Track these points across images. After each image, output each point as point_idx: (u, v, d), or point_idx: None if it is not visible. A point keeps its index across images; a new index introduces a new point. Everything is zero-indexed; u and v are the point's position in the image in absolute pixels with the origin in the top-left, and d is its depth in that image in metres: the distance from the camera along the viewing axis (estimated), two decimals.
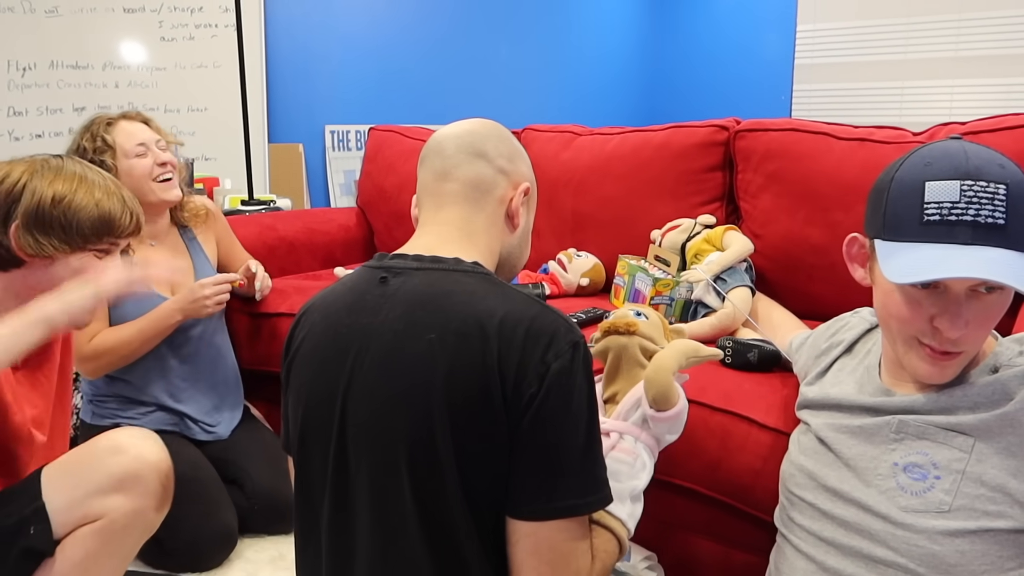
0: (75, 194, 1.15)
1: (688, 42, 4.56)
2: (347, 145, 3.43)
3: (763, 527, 1.19)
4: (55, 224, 1.13)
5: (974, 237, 0.81)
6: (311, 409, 0.89)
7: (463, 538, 0.81)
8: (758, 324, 1.55)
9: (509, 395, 0.78)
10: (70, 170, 1.17)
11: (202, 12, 2.95)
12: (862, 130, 1.66)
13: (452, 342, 0.80)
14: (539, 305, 0.83)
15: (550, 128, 2.25)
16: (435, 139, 0.98)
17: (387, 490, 0.82)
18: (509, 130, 1.02)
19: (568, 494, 0.80)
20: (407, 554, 0.82)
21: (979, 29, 3.56)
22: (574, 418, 0.80)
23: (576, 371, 0.80)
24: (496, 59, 3.90)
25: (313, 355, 0.89)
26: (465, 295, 0.83)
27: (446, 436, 0.79)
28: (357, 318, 0.86)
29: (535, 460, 0.79)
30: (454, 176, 0.94)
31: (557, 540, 0.81)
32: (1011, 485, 0.83)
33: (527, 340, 0.79)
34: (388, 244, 2.55)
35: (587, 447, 0.81)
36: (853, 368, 1.05)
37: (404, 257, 0.89)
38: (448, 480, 0.79)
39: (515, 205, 0.96)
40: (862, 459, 0.93)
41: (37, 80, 2.66)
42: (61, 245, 1.14)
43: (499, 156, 0.96)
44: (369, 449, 0.83)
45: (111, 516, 1.07)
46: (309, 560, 0.93)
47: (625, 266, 1.87)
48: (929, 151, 0.87)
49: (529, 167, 1.01)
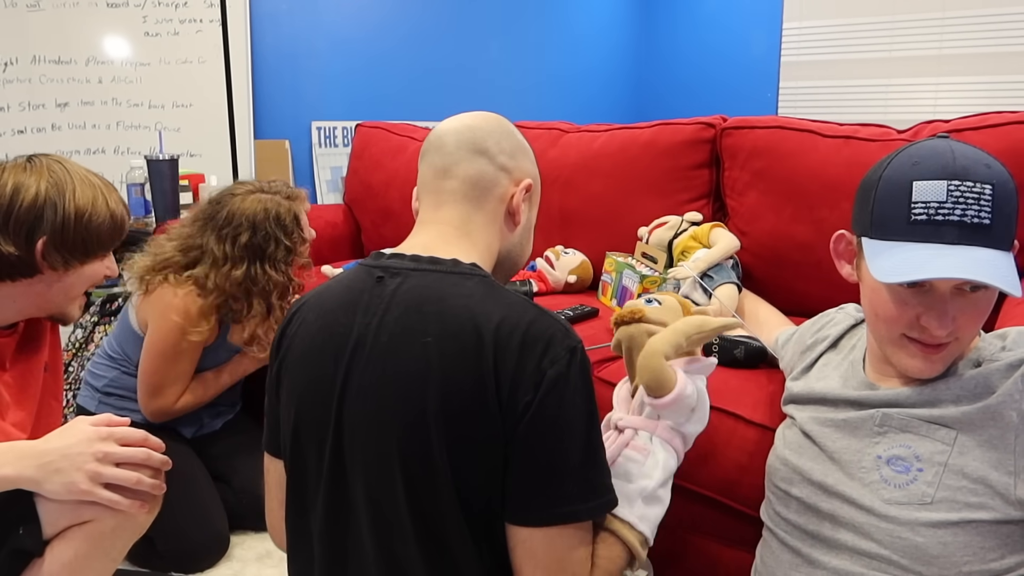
0: (94, 206, 1.17)
1: (675, 40, 4.57)
2: (334, 142, 3.41)
3: (750, 522, 1.20)
4: (79, 239, 1.16)
5: (960, 237, 0.82)
6: (304, 410, 0.87)
7: (456, 542, 0.80)
8: (744, 321, 1.56)
9: (505, 401, 0.78)
10: (80, 177, 1.18)
11: (187, 7, 2.92)
12: (847, 128, 1.67)
13: (448, 346, 0.79)
14: (536, 310, 0.82)
15: (537, 125, 2.25)
16: (436, 133, 0.95)
17: (382, 495, 0.82)
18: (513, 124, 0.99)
19: (567, 500, 0.79)
20: (401, 557, 0.82)
21: (963, 27, 3.59)
22: (572, 424, 0.79)
23: (573, 377, 0.79)
24: (484, 56, 3.89)
25: (307, 354, 0.88)
26: (462, 298, 0.82)
27: (440, 440, 0.78)
28: (353, 318, 0.85)
29: (533, 466, 0.79)
30: (454, 173, 0.92)
31: (555, 546, 0.80)
32: (992, 477, 0.84)
33: (523, 346, 0.78)
34: (375, 241, 2.54)
35: (586, 452, 0.80)
36: (838, 363, 1.06)
37: (401, 257, 0.88)
38: (442, 484, 0.79)
39: (516, 202, 0.94)
40: (846, 452, 0.94)
41: (19, 75, 2.63)
42: (83, 257, 1.18)
43: (501, 152, 0.93)
44: (364, 453, 0.82)
45: (101, 518, 1.06)
46: (301, 563, 0.92)
47: (612, 263, 1.87)
48: (917, 150, 0.88)
49: (532, 162, 0.99)
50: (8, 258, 1.12)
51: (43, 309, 1.21)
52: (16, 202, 1.12)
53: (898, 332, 0.89)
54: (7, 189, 1.13)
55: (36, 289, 1.17)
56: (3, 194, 1.13)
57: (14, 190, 1.13)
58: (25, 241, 1.13)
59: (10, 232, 1.12)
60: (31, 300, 1.18)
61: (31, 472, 0.99)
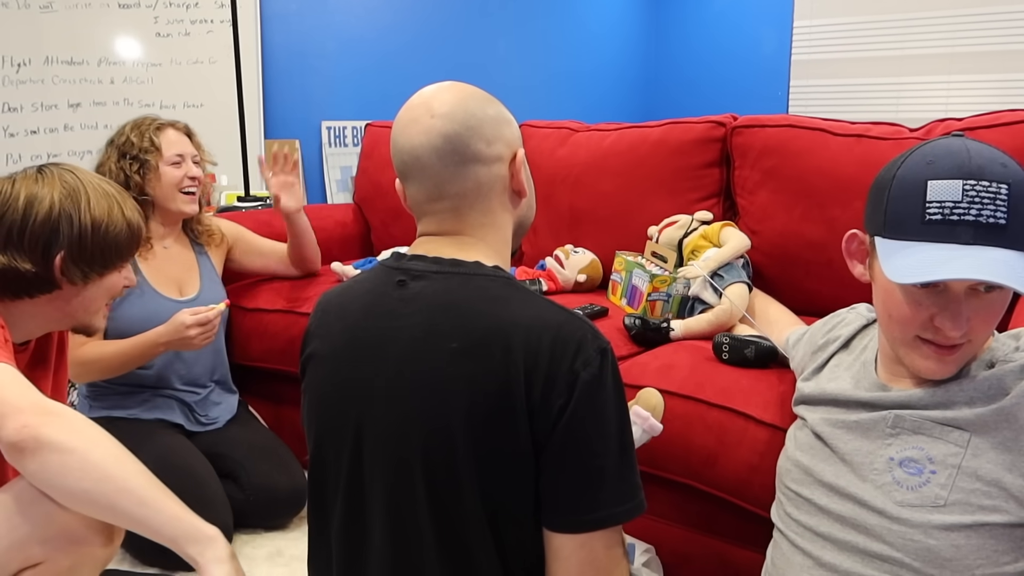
0: (110, 216, 1.14)
1: (685, 38, 4.56)
2: (343, 141, 3.42)
3: (760, 523, 1.19)
4: (97, 251, 1.13)
5: (975, 237, 0.81)
6: (326, 414, 0.87)
7: (478, 550, 0.79)
8: (755, 320, 1.55)
9: (536, 406, 0.76)
10: (93, 186, 1.15)
11: (198, 8, 2.94)
12: (859, 126, 1.66)
13: (475, 352, 0.77)
14: (564, 312, 0.80)
15: (547, 124, 2.25)
16: (408, 150, 0.84)
17: (402, 500, 0.81)
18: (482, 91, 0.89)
19: (606, 503, 0.78)
20: (419, 561, 0.81)
21: (975, 25, 3.57)
22: (606, 426, 0.78)
23: (606, 378, 0.78)
24: (493, 54, 3.89)
25: (330, 357, 0.87)
26: (487, 302, 0.80)
27: (467, 448, 0.77)
28: (376, 321, 0.84)
29: (569, 471, 0.77)
30: (448, 193, 0.85)
31: (598, 550, 0.79)
32: (1006, 479, 0.83)
33: (554, 349, 0.76)
34: (385, 241, 2.55)
35: (621, 454, 0.79)
36: (850, 364, 1.05)
37: (423, 259, 0.85)
38: (466, 492, 0.78)
39: (519, 180, 0.88)
40: (858, 454, 0.93)
41: (32, 76, 2.65)
42: (101, 270, 1.15)
43: (488, 143, 0.85)
44: (385, 458, 0.81)
45: (53, 559, 0.99)
46: (321, 562, 0.92)
47: (622, 262, 1.87)
48: (931, 149, 0.87)
49: (512, 124, 0.90)
50: (25, 275, 1.08)
51: (64, 323, 1.19)
52: (30, 216, 1.08)
53: (911, 333, 0.88)
54: (20, 203, 1.08)
55: (56, 304, 1.14)
56: (16, 208, 1.08)
57: (27, 203, 1.08)
58: (42, 256, 1.09)
59: (26, 248, 1.08)
60: (51, 315, 1.15)
61: None
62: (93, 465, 0.92)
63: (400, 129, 0.86)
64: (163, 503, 0.93)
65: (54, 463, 0.91)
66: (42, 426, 0.91)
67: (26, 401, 0.94)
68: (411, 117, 0.85)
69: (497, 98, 0.91)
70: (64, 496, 0.94)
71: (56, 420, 0.93)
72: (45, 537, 0.98)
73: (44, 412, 0.93)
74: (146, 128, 1.77)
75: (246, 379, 2.02)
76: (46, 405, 0.95)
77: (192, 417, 1.80)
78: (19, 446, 0.91)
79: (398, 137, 0.86)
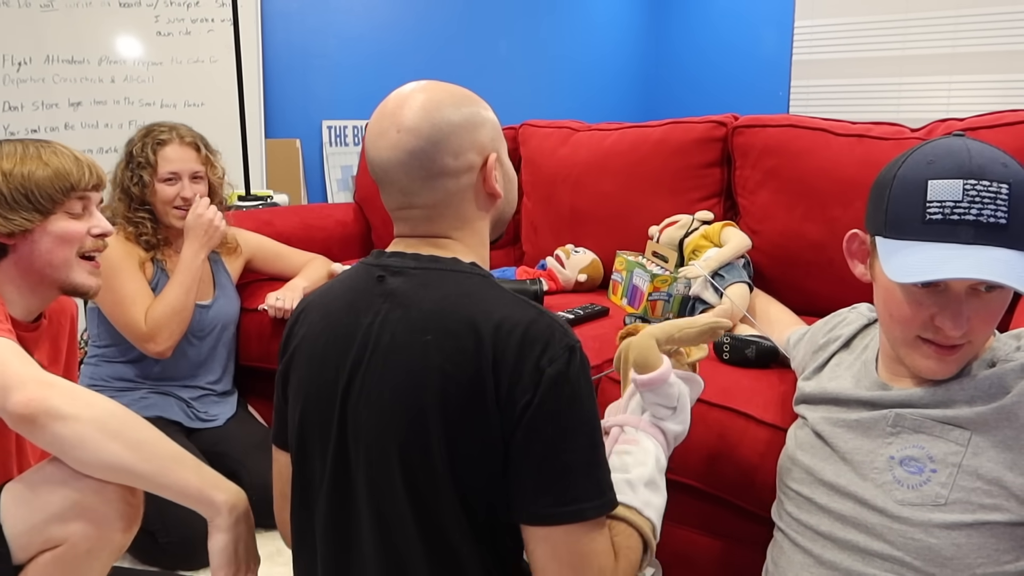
0: (23, 164, 1.15)
1: (686, 38, 4.56)
2: (344, 140, 3.42)
3: (761, 522, 1.19)
4: (16, 196, 1.13)
5: (976, 237, 0.81)
6: (310, 408, 0.88)
7: (457, 537, 0.81)
8: (756, 320, 1.55)
9: (503, 399, 0.78)
10: (9, 148, 1.17)
11: (198, 7, 2.94)
12: (860, 126, 1.66)
13: (447, 344, 0.79)
14: (535, 309, 0.82)
15: (548, 124, 2.25)
16: (377, 163, 0.86)
17: (384, 488, 0.82)
18: (465, 89, 0.89)
19: (573, 499, 0.79)
20: (403, 554, 0.83)
21: (976, 25, 3.57)
22: (572, 422, 0.79)
23: (572, 375, 0.79)
24: (495, 54, 3.89)
25: (312, 353, 0.89)
26: (462, 297, 0.82)
27: (440, 436, 0.79)
28: (356, 316, 0.86)
29: (535, 465, 0.79)
30: (417, 203, 0.86)
31: (573, 542, 0.79)
32: (1007, 478, 0.83)
33: (522, 345, 0.78)
34: (385, 240, 2.54)
35: (588, 450, 0.80)
36: (850, 363, 1.05)
37: (402, 256, 0.88)
38: (441, 482, 0.79)
39: (491, 183, 0.88)
40: (858, 453, 0.93)
41: (32, 75, 2.65)
42: (31, 215, 1.15)
43: (457, 157, 0.85)
44: (367, 449, 0.83)
45: (73, 542, 1.00)
46: (306, 558, 0.93)
47: (623, 262, 1.87)
48: (932, 148, 0.87)
49: (487, 125, 0.88)
50: None
51: (46, 287, 1.20)
52: None
53: (912, 333, 0.88)
54: None
55: (21, 266, 1.16)
56: None
57: None
58: None
59: None
60: (27, 280, 1.17)
61: None
62: (105, 431, 0.96)
63: (371, 140, 0.87)
64: (174, 467, 0.99)
65: (67, 432, 0.95)
66: (49, 398, 0.95)
67: (28, 374, 0.97)
68: (379, 130, 0.86)
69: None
70: (80, 463, 0.98)
71: (60, 391, 0.96)
72: (67, 519, 1.00)
73: (48, 384, 0.97)
74: (150, 140, 1.78)
75: (246, 379, 2.02)
76: (48, 378, 0.98)
77: (191, 414, 1.81)
78: (28, 418, 0.94)
79: (369, 148, 0.88)
